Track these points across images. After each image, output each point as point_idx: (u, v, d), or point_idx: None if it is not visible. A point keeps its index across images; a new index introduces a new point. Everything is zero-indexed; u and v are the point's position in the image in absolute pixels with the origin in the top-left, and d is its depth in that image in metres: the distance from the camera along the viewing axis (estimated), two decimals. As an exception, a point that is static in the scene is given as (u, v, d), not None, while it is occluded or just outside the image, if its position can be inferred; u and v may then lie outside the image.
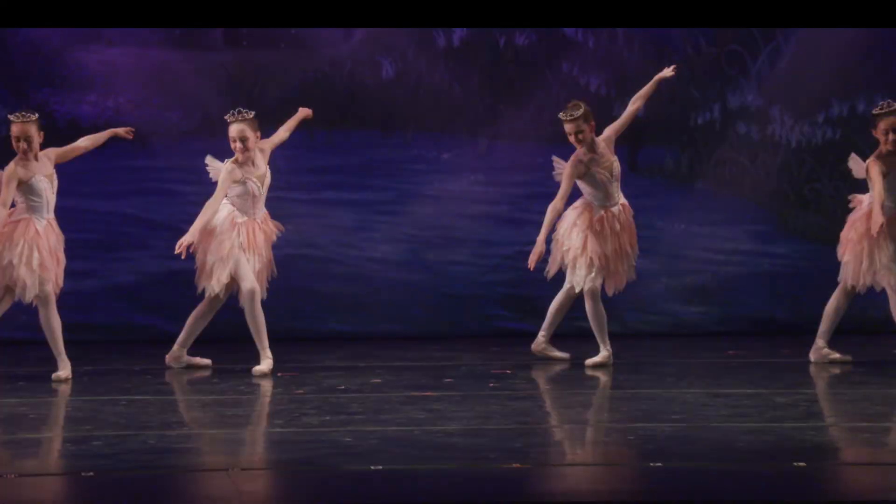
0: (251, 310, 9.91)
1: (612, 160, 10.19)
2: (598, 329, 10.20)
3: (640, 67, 11.49)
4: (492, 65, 11.80)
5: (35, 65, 11.40)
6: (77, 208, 10.98)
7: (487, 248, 11.84)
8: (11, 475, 6.91)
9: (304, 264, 11.56)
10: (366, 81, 11.72)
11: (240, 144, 9.87)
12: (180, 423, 8.57)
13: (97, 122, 11.05)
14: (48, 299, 9.59)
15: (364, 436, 7.80)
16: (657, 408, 8.65)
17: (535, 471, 7.11)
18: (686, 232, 11.94)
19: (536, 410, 8.89)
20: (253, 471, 7.19)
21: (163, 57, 11.48)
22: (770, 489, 6.74)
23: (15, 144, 9.59)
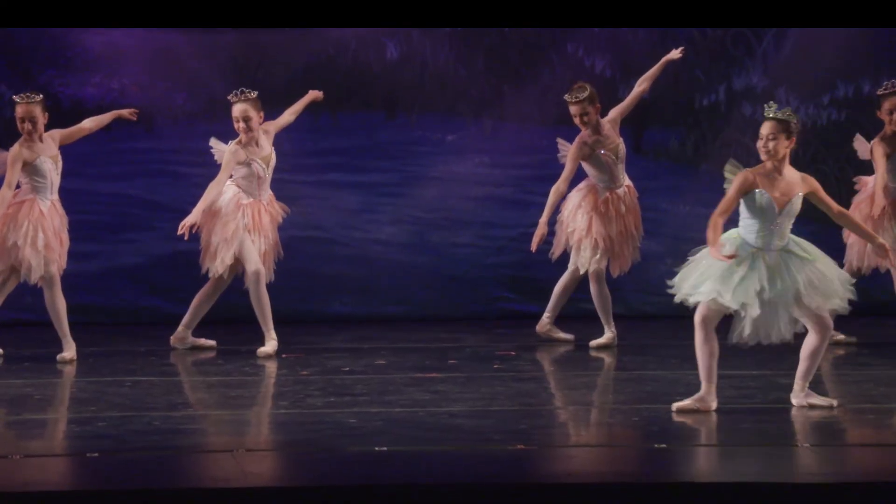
0: (256, 291, 9.91)
1: (617, 142, 10.18)
2: (602, 311, 10.20)
3: (645, 49, 11.47)
4: (497, 46, 11.78)
5: (40, 46, 11.39)
6: (81, 190, 10.97)
7: (492, 230, 11.83)
8: (17, 456, 6.92)
9: (309, 246, 11.55)
10: (370, 63, 11.70)
11: (243, 124, 9.87)
12: (185, 404, 8.58)
13: (102, 104, 11.04)
14: (53, 280, 9.60)
15: (368, 417, 7.80)
16: (661, 389, 8.65)
17: (539, 452, 7.11)
18: (691, 213, 11.90)
19: (541, 392, 8.89)
20: (258, 452, 7.20)
21: (167, 39, 11.46)
22: (773, 470, 6.74)
23: (20, 125, 9.59)
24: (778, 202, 7.78)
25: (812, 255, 7.84)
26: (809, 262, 7.82)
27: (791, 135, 7.84)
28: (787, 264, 7.79)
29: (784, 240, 7.82)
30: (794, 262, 7.80)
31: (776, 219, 7.78)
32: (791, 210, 7.81)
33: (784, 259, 7.79)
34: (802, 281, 7.76)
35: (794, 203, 7.82)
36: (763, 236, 7.79)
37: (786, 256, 7.80)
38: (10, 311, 10.16)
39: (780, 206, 7.78)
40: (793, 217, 7.85)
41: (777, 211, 7.78)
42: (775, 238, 7.80)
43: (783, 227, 7.81)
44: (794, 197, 7.81)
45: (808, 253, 7.84)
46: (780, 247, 7.80)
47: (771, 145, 7.80)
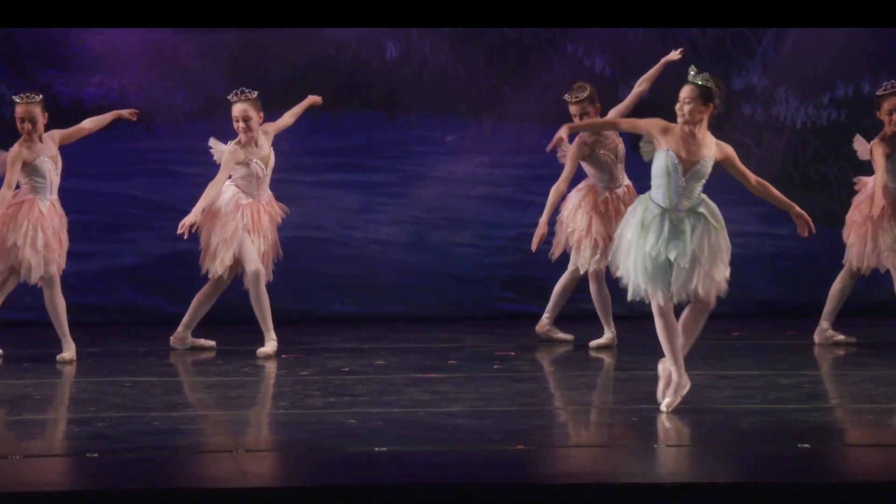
0: (256, 291, 9.91)
1: (616, 142, 10.18)
2: (602, 311, 10.20)
3: (644, 49, 11.47)
4: (496, 46, 11.78)
5: (39, 46, 11.39)
6: (81, 190, 10.97)
7: (492, 230, 11.83)
8: (16, 456, 6.92)
9: (308, 246, 11.55)
10: (370, 63, 11.70)
11: (243, 124, 9.87)
12: (185, 404, 8.58)
13: (101, 104, 11.04)
14: (53, 280, 9.60)
15: (368, 417, 7.80)
16: (661, 389, 8.63)
17: (539, 452, 7.11)
18: (690, 214, 11.90)
19: (540, 392, 8.89)
20: (257, 452, 7.20)
21: (167, 38, 11.46)
22: (774, 470, 6.74)
23: (19, 125, 9.59)
24: (684, 163, 7.82)
25: (719, 225, 7.88)
26: (715, 231, 7.85)
27: (709, 101, 7.87)
28: (693, 226, 7.82)
29: (692, 201, 7.85)
30: (699, 225, 7.83)
31: (681, 180, 7.80)
32: (697, 173, 7.83)
33: (690, 220, 7.83)
34: (702, 244, 7.78)
35: (701, 166, 7.83)
36: (669, 196, 7.82)
37: (693, 218, 7.84)
38: (9, 312, 10.16)
39: (687, 168, 7.82)
40: (701, 180, 7.86)
41: (682, 172, 7.81)
42: (682, 199, 7.84)
43: (690, 189, 7.83)
44: (702, 160, 7.84)
45: (716, 221, 7.87)
46: (688, 207, 7.83)
47: (686, 108, 7.85)
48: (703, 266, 7.81)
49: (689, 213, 7.85)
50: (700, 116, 7.86)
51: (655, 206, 7.87)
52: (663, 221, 7.83)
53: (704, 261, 7.81)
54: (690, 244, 7.81)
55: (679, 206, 7.84)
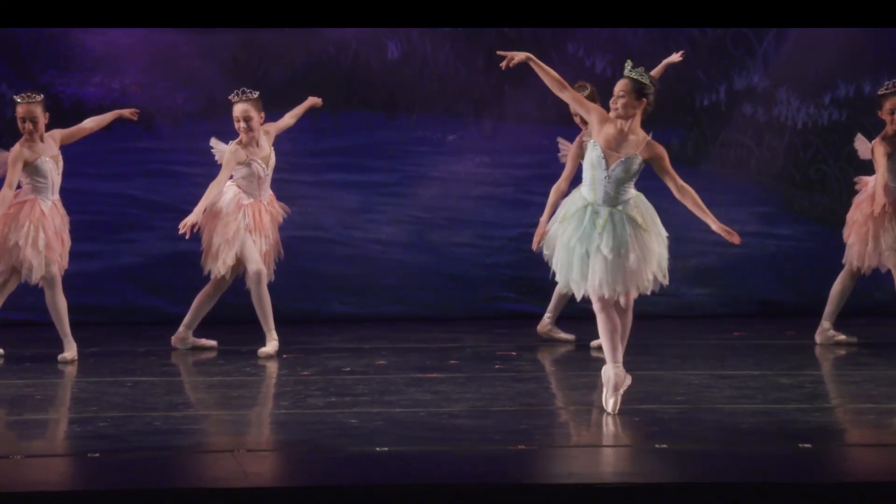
0: (257, 291, 9.91)
1: (617, 142, 10.18)
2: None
3: (645, 49, 11.47)
4: (497, 46, 11.76)
5: (40, 46, 11.39)
6: (82, 189, 10.98)
7: (492, 230, 11.83)
8: (18, 456, 6.92)
9: (309, 246, 11.56)
10: (371, 63, 11.70)
11: (244, 124, 9.87)
12: (186, 404, 8.58)
13: (102, 104, 11.04)
14: (54, 280, 9.60)
15: (369, 417, 7.81)
16: (662, 389, 8.65)
17: (540, 452, 7.12)
18: (691, 213, 11.88)
19: (541, 392, 8.89)
20: (258, 452, 7.20)
21: (168, 39, 11.46)
22: (775, 470, 6.74)
23: (20, 125, 9.60)
24: (609, 158, 7.73)
25: (647, 227, 7.74)
26: (641, 231, 7.72)
27: (642, 97, 7.78)
28: (617, 224, 7.71)
29: (619, 198, 7.74)
30: (624, 224, 7.70)
31: (606, 174, 7.71)
32: (623, 169, 7.72)
33: (615, 217, 7.73)
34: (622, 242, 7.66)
35: (626, 162, 7.72)
36: (594, 190, 7.75)
37: (618, 215, 7.74)
38: (10, 312, 10.16)
39: (611, 162, 7.73)
40: (627, 176, 7.75)
41: (606, 166, 7.73)
42: (607, 194, 7.73)
43: (615, 184, 7.73)
44: (626, 156, 7.73)
45: (644, 222, 7.75)
46: (614, 204, 7.73)
47: (620, 103, 7.76)
48: (620, 264, 7.65)
49: (614, 209, 7.73)
50: (633, 111, 7.77)
51: (581, 199, 7.78)
52: (584, 215, 7.73)
53: (621, 259, 7.65)
54: (608, 240, 7.67)
55: (603, 200, 7.73)
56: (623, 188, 7.76)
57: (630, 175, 7.77)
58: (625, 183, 7.76)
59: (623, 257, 7.68)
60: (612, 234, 7.69)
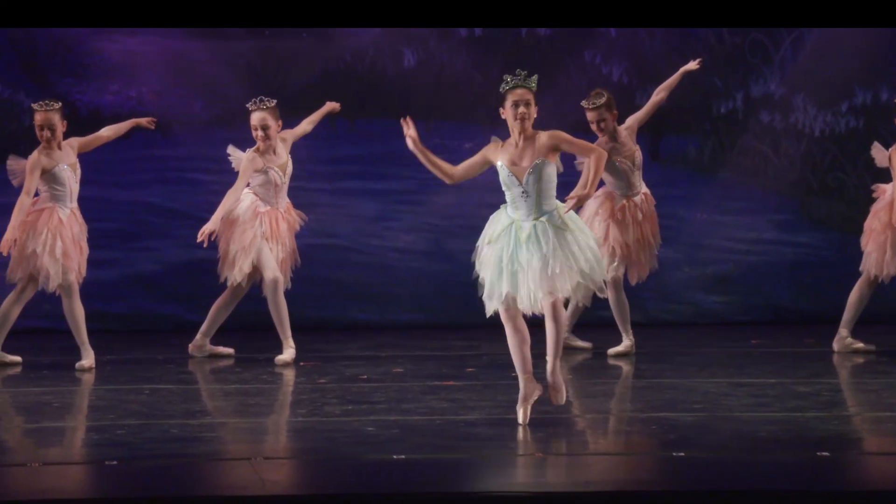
0: (274, 299, 9.92)
1: (633, 149, 10.18)
2: (620, 318, 10.19)
3: (662, 56, 11.47)
4: (514, 54, 11.78)
5: (58, 55, 11.42)
6: (100, 197, 11.00)
7: (509, 238, 11.81)
8: (35, 464, 6.93)
9: (326, 254, 11.56)
10: (387, 71, 11.71)
11: (261, 133, 9.88)
12: (203, 412, 8.58)
13: (119, 112, 11.07)
14: (71, 288, 9.62)
15: (386, 425, 7.81)
16: (679, 397, 8.64)
17: (557, 460, 7.11)
18: (708, 221, 11.91)
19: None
20: (276, 460, 7.20)
21: (185, 46, 11.49)
22: (792, 478, 6.73)
23: (38, 133, 9.62)
24: (518, 173, 7.71)
25: (572, 230, 7.70)
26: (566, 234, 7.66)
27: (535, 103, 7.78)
28: (540, 234, 7.66)
29: (541, 209, 7.70)
30: (547, 232, 7.65)
31: (521, 189, 7.68)
32: (535, 178, 7.68)
33: (538, 228, 7.68)
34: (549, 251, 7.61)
35: (536, 170, 7.69)
36: (516, 208, 7.73)
37: (540, 226, 7.69)
38: (28, 319, 10.19)
39: (521, 176, 7.70)
40: (544, 185, 7.70)
41: (519, 182, 7.70)
42: (528, 210, 7.69)
43: (534, 197, 7.68)
44: (534, 164, 7.69)
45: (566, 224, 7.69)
46: (536, 217, 7.70)
47: (529, 113, 7.74)
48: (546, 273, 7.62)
49: (537, 221, 7.70)
50: (533, 119, 7.76)
51: (506, 218, 7.78)
52: (510, 232, 7.71)
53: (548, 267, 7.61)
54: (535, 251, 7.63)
55: (526, 215, 7.71)
56: (543, 199, 7.71)
57: (546, 181, 7.70)
58: (544, 192, 7.71)
59: (550, 265, 7.64)
60: (537, 245, 7.66)
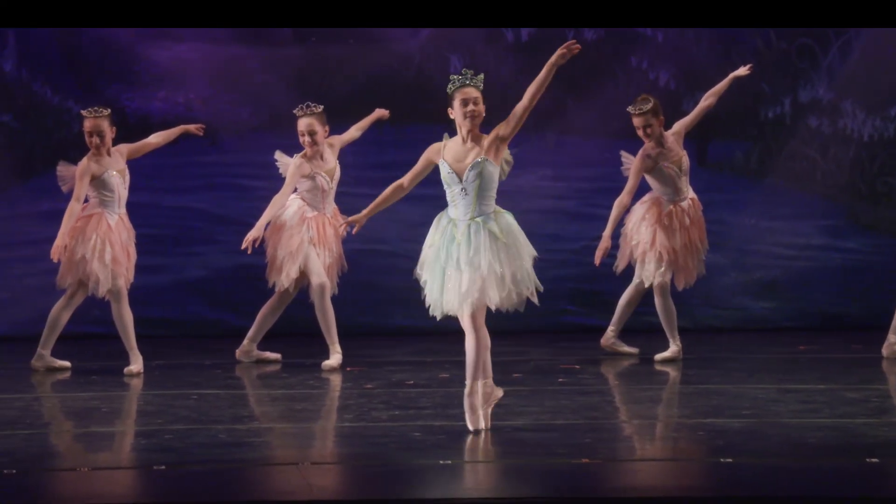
0: (321, 304, 9.94)
1: (680, 154, 10.15)
2: (667, 324, 10.16)
3: (709, 62, 11.43)
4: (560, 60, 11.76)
5: (107, 62, 11.50)
6: (148, 203, 11.06)
7: (555, 243, 11.81)
8: (84, 469, 6.97)
9: (372, 259, 11.58)
10: (434, 76, 11.73)
11: (308, 138, 9.91)
12: (250, 417, 8.61)
13: (168, 118, 11.13)
14: (120, 294, 9.67)
15: (433, 430, 7.81)
16: (727, 403, 8.61)
17: (604, 466, 7.09)
18: (756, 227, 11.86)
19: (605, 405, 8.86)
20: (323, 465, 7.22)
21: (232, 53, 11.54)
22: (841, 485, 6.69)
23: (88, 139, 9.68)
24: (458, 171, 7.66)
25: (508, 240, 7.63)
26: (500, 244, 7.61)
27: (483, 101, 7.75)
28: (472, 235, 7.60)
29: (478, 210, 7.63)
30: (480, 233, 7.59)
31: (461, 186, 7.63)
32: (475, 175, 7.62)
33: (472, 228, 7.62)
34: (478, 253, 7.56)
35: (475, 169, 7.63)
36: (455, 206, 7.68)
37: (476, 228, 7.63)
38: (77, 325, 10.25)
39: (460, 174, 7.66)
40: (484, 183, 7.63)
41: (458, 180, 7.65)
42: (466, 208, 7.64)
43: (472, 197, 7.62)
44: (475, 162, 7.64)
45: (505, 236, 7.63)
46: (472, 217, 7.63)
47: (479, 110, 7.73)
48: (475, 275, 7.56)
49: (472, 222, 7.62)
50: (481, 118, 7.72)
51: (445, 218, 7.73)
52: (447, 232, 7.67)
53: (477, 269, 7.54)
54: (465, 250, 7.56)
55: (463, 214, 7.64)
56: (482, 199, 7.64)
57: (486, 180, 7.63)
58: (484, 192, 7.64)
59: (477, 267, 7.57)
60: (468, 245, 7.59)
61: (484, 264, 7.59)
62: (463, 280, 7.60)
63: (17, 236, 11.28)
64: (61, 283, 9.74)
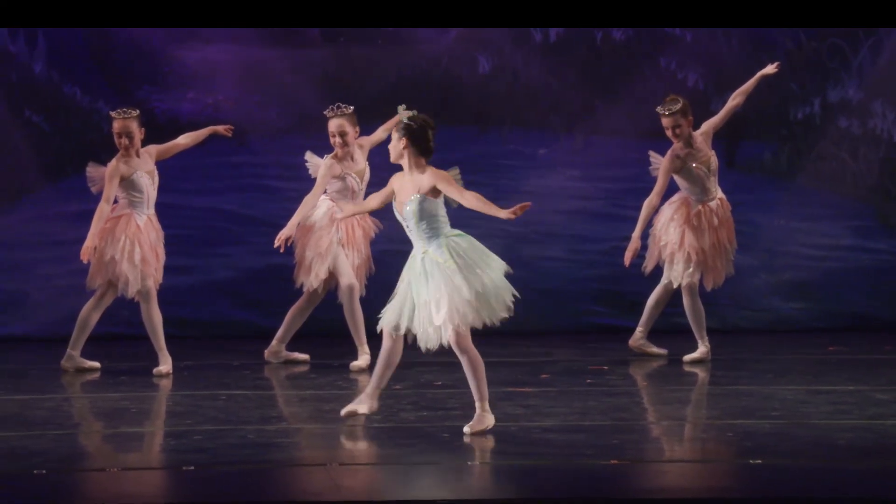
0: (350, 305, 9.95)
1: (709, 155, 10.13)
2: (696, 325, 10.14)
3: (738, 62, 11.40)
4: (589, 60, 11.76)
5: (136, 63, 11.53)
6: (177, 204, 11.08)
7: (583, 244, 11.79)
8: (114, 469, 7.00)
9: (401, 260, 11.55)
10: (462, 77, 11.73)
11: (339, 139, 9.92)
12: (279, 418, 8.62)
13: (197, 119, 11.15)
14: (150, 294, 9.70)
15: (461, 431, 7.80)
16: (756, 404, 8.59)
17: (632, 467, 7.08)
18: (785, 227, 11.82)
19: (633, 406, 8.85)
20: (351, 466, 7.22)
21: (261, 54, 11.56)
22: (872, 486, 6.67)
23: (117, 141, 9.71)
24: (398, 208, 7.81)
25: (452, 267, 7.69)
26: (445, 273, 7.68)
27: (405, 135, 7.79)
28: (425, 270, 7.72)
29: (424, 242, 7.74)
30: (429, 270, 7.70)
31: (404, 222, 7.78)
32: (411, 213, 7.74)
33: (424, 264, 7.74)
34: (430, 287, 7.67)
35: (410, 206, 7.73)
36: (411, 239, 7.83)
37: (426, 260, 7.75)
38: (107, 325, 10.28)
39: (400, 211, 7.80)
40: (424, 219, 7.74)
41: (401, 215, 7.80)
42: (416, 241, 7.78)
43: (414, 231, 7.74)
44: (410, 198, 7.73)
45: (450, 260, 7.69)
46: (424, 250, 7.75)
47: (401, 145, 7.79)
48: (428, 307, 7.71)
49: (426, 255, 7.77)
50: (401, 152, 7.81)
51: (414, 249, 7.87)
52: (413, 263, 7.81)
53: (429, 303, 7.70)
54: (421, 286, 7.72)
55: (416, 248, 7.81)
56: (425, 233, 7.75)
57: (423, 214, 7.73)
58: (424, 227, 7.75)
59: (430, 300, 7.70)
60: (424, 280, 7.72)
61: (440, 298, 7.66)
62: (424, 313, 7.72)
63: (46, 237, 11.31)
64: (91, 284, 9.77)
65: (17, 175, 11.39)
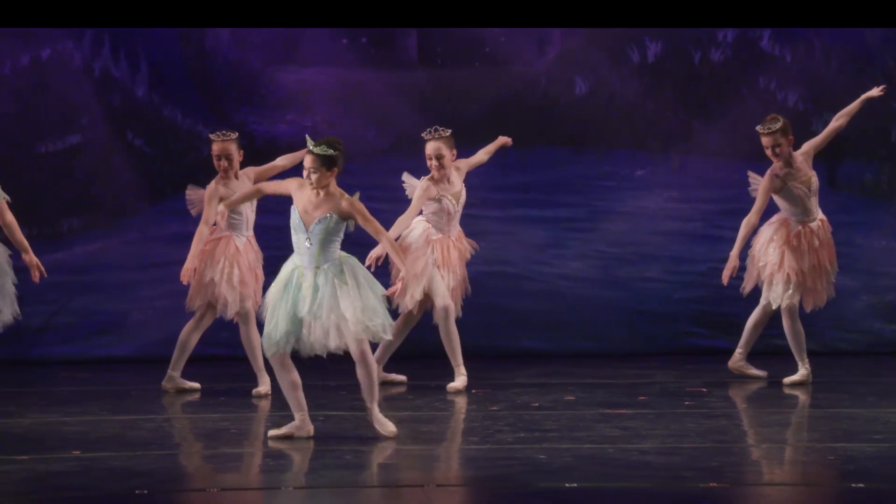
0: (445, 327, 9.96)
1: (809, 175, 10.04)
2: (795, 347, 10.04)
3: (838, 82, 11.30)
4: (686, 80, 11.71)
5: (234, 86, 11.64)
6: (275, 226, 11.14)
7: (680, 265, 11.74)
8: (214, 489, 7.04)
9: (497, 281, 11.58)
10: (559, 98, 11.72)
11: (436, 162, 9.95)
12: (376, 439, 8.64)
13: (294, 141, 11.23)
14: (249, 316, 9.77)
15: (558, 453, 7.78)
16: (858, 427, 8.48)
17: (732, 490, 7.02)
18: (887, 248, 11.69)
19: (733, 429, 8.78)
20: (448, 487, 7.22)
21: (358, 76, 11.62)
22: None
23: (216, 163, 9.81)
24: (305, 221, 8.04)
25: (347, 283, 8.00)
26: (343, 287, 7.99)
27: (332, 166, 8.12)
28: (317, 284, 8.00)
29: (323, 258, 8.03)
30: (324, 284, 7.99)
31: (306, 235, 8.03)
32: (321, 228, 8.03)
33: (319, 278, 8.01)
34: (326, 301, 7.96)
35: (323, 221, 8.03)
36: (300, 253, 8.10)
37: (321, 275, 8.02)
38: (206, 346, 10.37)
39: (307, 225, 8.01)
40: (327, 237, 8.04)
41: (304, 229, 8.02)
42: (311, 258, 8.04)
43: (316, 248, 8.02)
44: (323, 216, 8.03)
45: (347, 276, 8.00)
46: (319, 264, 8.03)
47: (314, 178, 8.07)
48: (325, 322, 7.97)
49: (319, 270, 8.04)
50: (327, 181, 8.09)
51: (291, 263, 8.12)
52: (292, 277, 8.07)
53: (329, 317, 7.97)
54: (313, 301, 7.97)
55: (308, 263, 8.05)
56: (326, 248, 8.07)
57: (330, 233, 8.05)
58: (327, 242, 8.06)
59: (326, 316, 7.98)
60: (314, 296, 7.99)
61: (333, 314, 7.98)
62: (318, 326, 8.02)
63: (147, 259, 11.44)
64: (190, 305, 9.86)
65: (119, 197, 11.54)
